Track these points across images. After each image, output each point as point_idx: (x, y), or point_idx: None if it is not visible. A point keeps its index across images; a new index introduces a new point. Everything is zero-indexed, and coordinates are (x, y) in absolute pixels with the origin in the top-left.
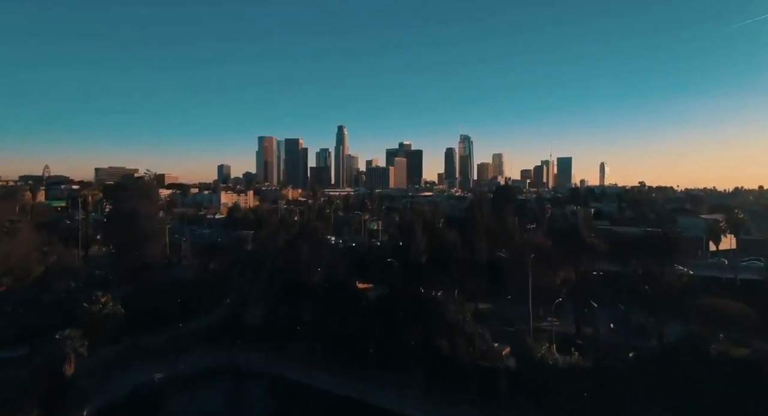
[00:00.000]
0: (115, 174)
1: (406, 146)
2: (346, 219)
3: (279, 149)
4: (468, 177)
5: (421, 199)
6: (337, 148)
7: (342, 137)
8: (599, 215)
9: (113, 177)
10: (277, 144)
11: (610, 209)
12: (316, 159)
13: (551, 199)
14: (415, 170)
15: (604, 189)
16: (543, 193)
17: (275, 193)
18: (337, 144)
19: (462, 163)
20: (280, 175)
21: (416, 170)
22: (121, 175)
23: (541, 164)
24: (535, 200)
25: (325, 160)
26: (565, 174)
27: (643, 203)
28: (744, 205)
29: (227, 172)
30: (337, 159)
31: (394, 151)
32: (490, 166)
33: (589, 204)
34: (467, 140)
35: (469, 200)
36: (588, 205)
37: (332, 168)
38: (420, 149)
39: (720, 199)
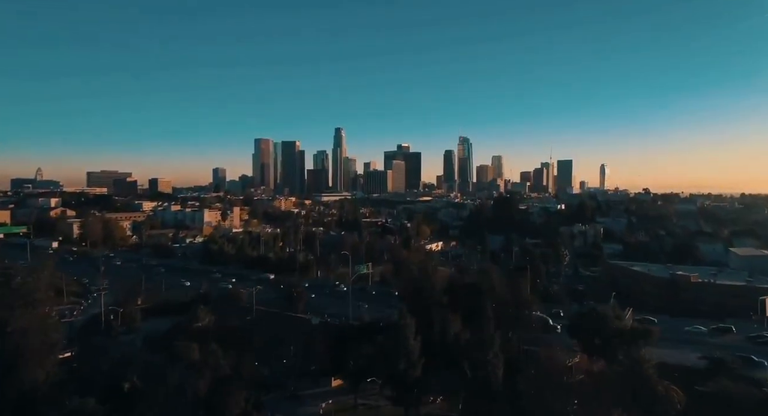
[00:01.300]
0: (108, 178)
1: (404, 148)
2: (336, 246)
3: (276, 152)
4: (467, 180)
5: (419, 206)
6: (334, 150)
7: (340, 139)
8: (609, 236)
9: (105, 181)
10: (274, 146)
11: (618, 227)
12: (314, 161)
13: (556, 212)
14: (414, 173)
15: (608, 197)
16: (545, 202)
17: (267, 205)
18: (335, 146)
19: (461, 166)
20: (277, 177)
21: (415, 173)
22: (113, 178)
23: (541, 167)
24: (539, 212)
25: (322, 162)
26: (566, 177)
27: (653, 219)
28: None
29: (222, 175)
30: (334, 161)
31: (392, 154)
32: (490, 168)
33: (596, 219)
34: (466, 142)
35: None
36: (594, 220)
37: (330, 170)
38: (418, 151)
39: (734, 214)
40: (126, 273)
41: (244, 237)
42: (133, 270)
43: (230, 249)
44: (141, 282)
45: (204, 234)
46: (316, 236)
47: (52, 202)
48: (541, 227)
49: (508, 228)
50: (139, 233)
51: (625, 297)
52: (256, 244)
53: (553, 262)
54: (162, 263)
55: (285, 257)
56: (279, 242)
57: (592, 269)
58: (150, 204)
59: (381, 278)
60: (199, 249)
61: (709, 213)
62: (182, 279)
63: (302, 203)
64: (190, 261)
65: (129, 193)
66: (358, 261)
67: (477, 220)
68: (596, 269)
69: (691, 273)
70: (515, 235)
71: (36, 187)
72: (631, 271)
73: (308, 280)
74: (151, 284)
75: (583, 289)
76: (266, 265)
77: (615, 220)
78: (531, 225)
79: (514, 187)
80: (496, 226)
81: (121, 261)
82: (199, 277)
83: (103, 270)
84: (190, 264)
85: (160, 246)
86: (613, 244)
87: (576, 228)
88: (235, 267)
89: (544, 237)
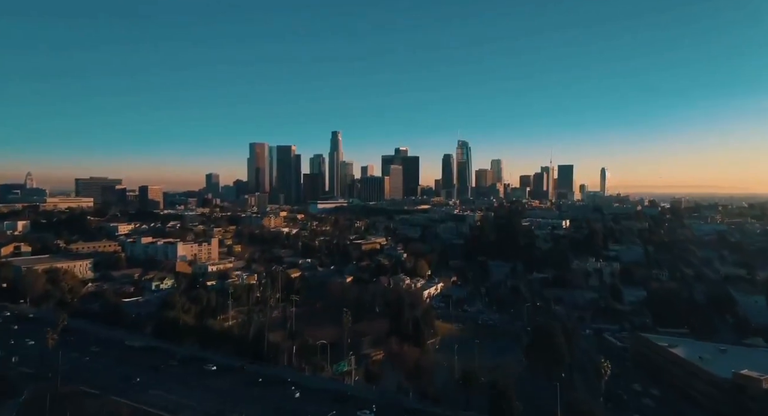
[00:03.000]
0: (96, 185)
1: (402, 152)
2: (321, 292)
3: (271, 156)
4: (466, 185)
5: (417, 217)
6: (331, 154)
7: (336, 143)
8: (628, 275)
9: (94, 188)
10: (270, 150)
11: (634, 257)
12: (310, 165)
13: (563, 236)
14: (412, 177)
15: (614, 210)
16: (547, 214)
17: (254, 226)
18: (332, 150)
19: (460, 170)
20: (273, 181)
21: (413, 177)
22: (102, 185)
23: (541, 171)
24: (544, 237)
25: (318, 166)
26: (566, 182)
27: (669, 247)
28: None
29: (216, 180)
30: (331, 165)
31: (389, 158)
32: (489, 172)
33: (608, 246)
34: (465, 146)
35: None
36: (606, 248)
37: (326, 174)
38: (416, 155)
39: (758, 239)
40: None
41: (208, 298)
42: (50, 357)
43: (189, 317)
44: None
45: (178, 269)
46: (292, 304)
47: (19, 226)
48: (549, 255)
49: (511, 252)
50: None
51: (667, 387)
52: (224, 302)
53: (574, 336)
54: (101, 338)
55: (251, 338)
56: (256, 293)
57: (620, 336)
58: (126, 227)
59: (365, 374)
60: (156, 310)
61: (731, 243)
62: (117, 367)
63: (294, 218)
64: (140, 333)
65: (117, 201)
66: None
67: (478, 242)
68: (623, 336)
69: (752, 355)
70: (520, 264)
71: (24, 194)
72: (674, 356)
73: (275, 371)
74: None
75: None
76: (229, 342)
77: (629, 249)
78: (537, 251)
79: (514, 192)
80: (498, 249)
81: (38, 340)
82: (139, 367)
83: None
84: (137, 340)
85: (108, 306)
86: (633, 289)
87: (590, 266)
88: (191, 344)
89: (552, 267)
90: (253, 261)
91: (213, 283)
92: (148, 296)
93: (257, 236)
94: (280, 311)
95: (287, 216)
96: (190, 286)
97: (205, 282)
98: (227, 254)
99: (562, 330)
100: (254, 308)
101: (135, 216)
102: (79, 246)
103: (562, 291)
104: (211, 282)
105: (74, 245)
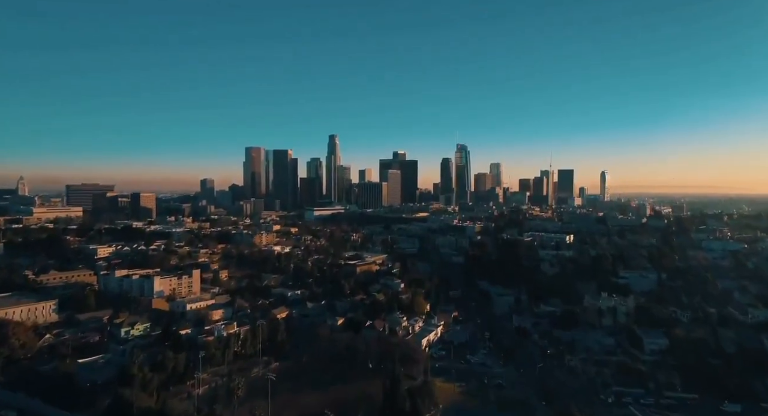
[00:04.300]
0: (88, 191)
1: (400, 156)
2: (307, 338)
3: (267, 160)
4: (465, 189)
5: (415, 227)
6: (328, 158)
7: (334, 147)
8: (646, 317)
9: (85, 195)
10: (266, 154)
11: (648, 285)
12: (307, 169)
13: (569, 260)
14: (410, 182)
15: (620, 223)
16: (548, 225)
17: (244, 244)
18: (329, 154)
19: (458, 174)
20: (269, 185)
21: (411, 182)
22: (93, 192)
23: (541, 175)
24: (550, 260)
25: (315, 170)
26: (566, 186)
27: (683, 273)
28: None
29: (211, 185)
30: (328, 169)
31: (387, 162)
32: (488, 176)
33: (618, 272)
34: (464, 150)
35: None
36: (617, 275)
37: (323, 179)
38: (415, 159)
39: None
40: None
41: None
42: None
43: (147, 395)
44: None
45: (155, 305)
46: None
47: None
48: (554, 282)
49: (514, 275)
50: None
51: None
52: (195, 361)
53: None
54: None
55: None
56: (233, 348)
57: (647, 407)
58: (107, 249)
59: None
60: (115, 375)
61: (750, 271)
62: None
63: (288, 232)
64: (89, 414)
65: (108, 208)
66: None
67: (479, 262)
68: (651, 408)
69: None
70: (524, 292)
71: (13, 201)
72: None
73: None
74: None
75: None
76: None
77: (641, 277)
78: (542, 276)
79: (514, 196)
80: (501, 270)
81: None
82: None
83: None
84: None
85: (57, 374)
86: (652, 333)
87: (604, 303)
88: None
89: (560, 297)
90: (239, 292)
91: (188, 332)
92: (112, 351)
93: (246, 257)
94: (261, 367)
95: (281, 230)
96: (164, 334)
97: (179, 331)
98: (212, 283)
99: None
100: (232, 366)
101: (120, 233)
102: (51, 277)
103: (573, 333)
104: (185, 330)
105: (45, 276)
